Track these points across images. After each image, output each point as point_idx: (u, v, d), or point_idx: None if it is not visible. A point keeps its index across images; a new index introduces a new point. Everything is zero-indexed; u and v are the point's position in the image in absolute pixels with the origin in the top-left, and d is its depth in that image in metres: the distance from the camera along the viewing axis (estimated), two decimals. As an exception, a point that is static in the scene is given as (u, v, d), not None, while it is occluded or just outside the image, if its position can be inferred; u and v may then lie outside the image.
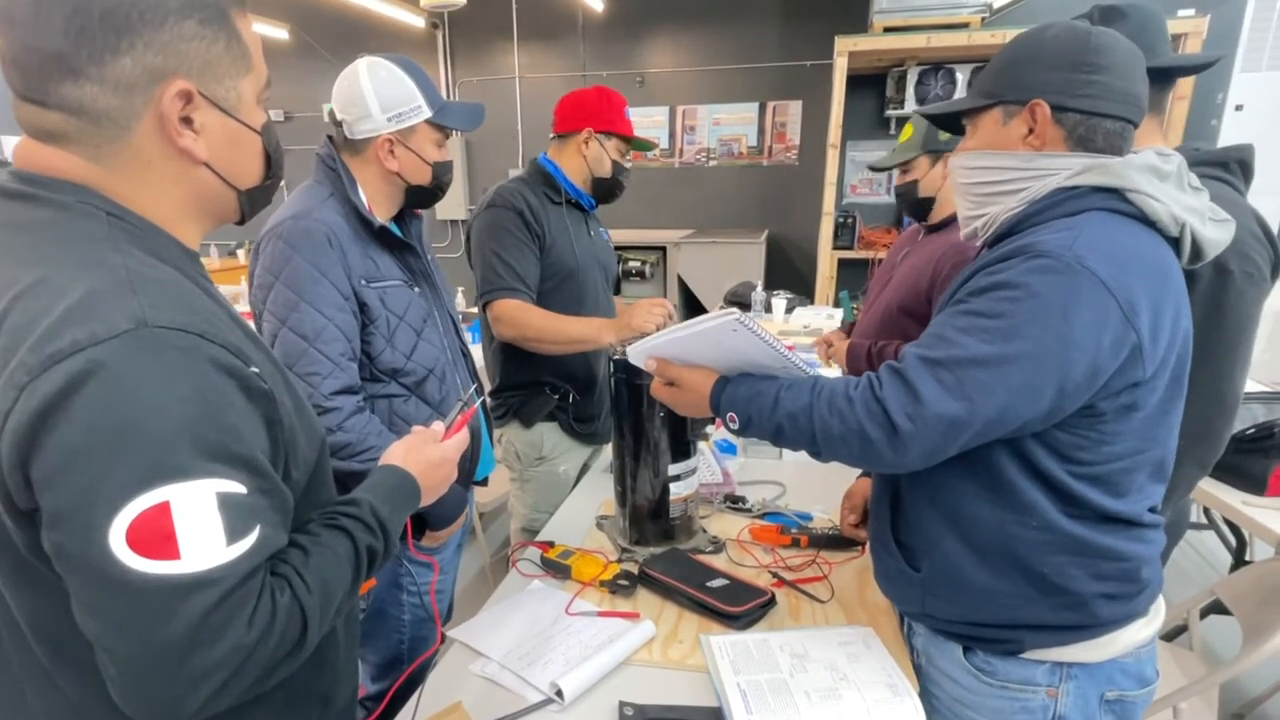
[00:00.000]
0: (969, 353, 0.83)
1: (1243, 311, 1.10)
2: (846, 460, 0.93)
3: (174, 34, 0.62)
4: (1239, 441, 1.78)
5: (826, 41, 4.08)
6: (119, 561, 0.55)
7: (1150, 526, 0.94)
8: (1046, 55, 0.89)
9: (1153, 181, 0.85)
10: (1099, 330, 0.79)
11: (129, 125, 0.62)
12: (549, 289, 1.82)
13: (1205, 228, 0.88)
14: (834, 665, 1.04)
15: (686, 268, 4.91)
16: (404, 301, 1.37)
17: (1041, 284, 0.80)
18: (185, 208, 0.69)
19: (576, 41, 5.43)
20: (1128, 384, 0.83)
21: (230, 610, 0.58)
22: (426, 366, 1.39)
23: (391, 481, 0.84)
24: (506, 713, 0.99)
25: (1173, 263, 0.87)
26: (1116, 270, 0.80)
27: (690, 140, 5.47)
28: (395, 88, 1.32)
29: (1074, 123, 0.88)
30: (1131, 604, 0.94)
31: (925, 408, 0.83)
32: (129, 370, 0.56)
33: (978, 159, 0.95)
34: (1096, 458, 0.87)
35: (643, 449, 1.38)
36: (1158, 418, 0.88)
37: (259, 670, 0.61)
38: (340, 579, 0.71)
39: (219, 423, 0.59)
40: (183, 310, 0.60)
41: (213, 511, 0.58)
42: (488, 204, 1.81)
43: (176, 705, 0.58)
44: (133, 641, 0.57)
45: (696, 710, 0.99)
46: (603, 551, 1.39)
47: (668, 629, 1.17)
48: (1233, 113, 3.95)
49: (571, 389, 1.90)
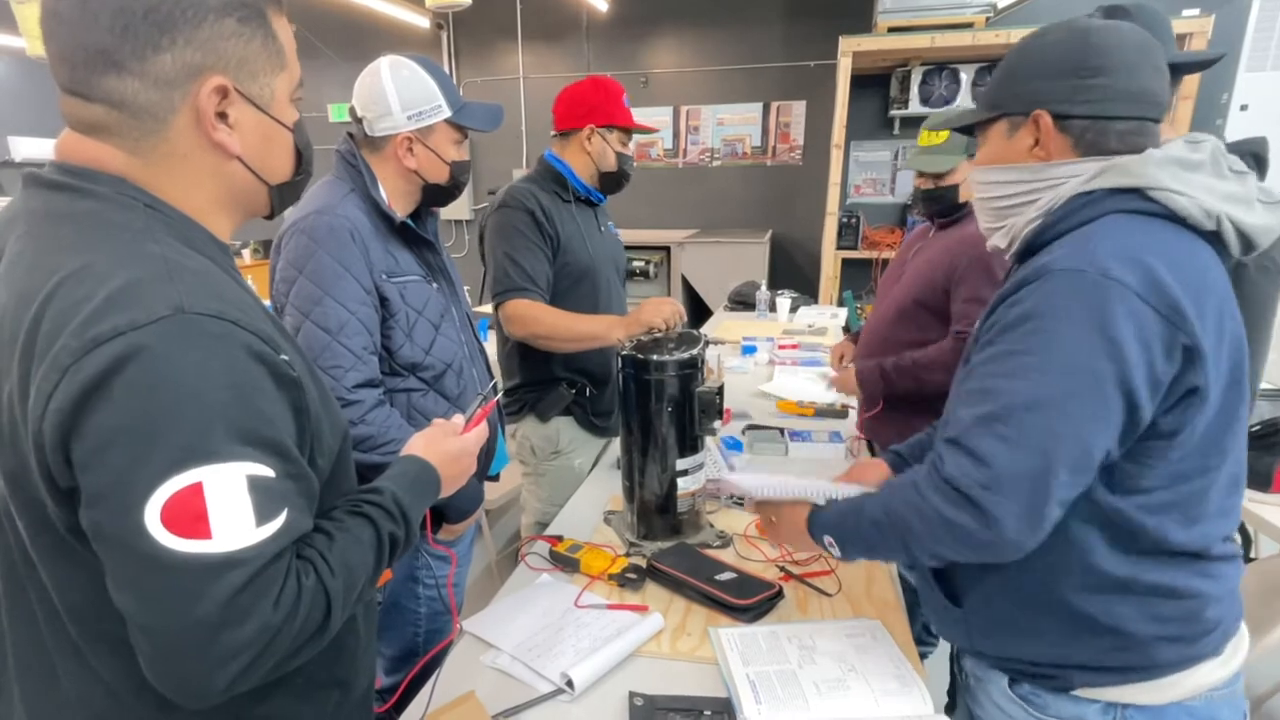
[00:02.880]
0: (1021, 398, 0.78)
1: (1258, 304, 1.10)
2: (953, 557, 0.85)
3: (213, 31, 0.64)
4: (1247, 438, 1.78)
5: (830, 41, 4.09)
6: (154, 539, 0.56)
7: (1220, 559, 0.86)
8: (1045, 63, 0.86)
9: (1178, 175, 0.80)
10: (1145, 339, 0.74)
11: (166, 119, 0.65)
12: (565, 288, 1.83)
13: (1252, 214, 0.81)
14: (842, 657, 1.05)
15: (690, 268, 4.92)
16: (423, 297, 1.38)
17: (1070, 306, 0.76)
18: (218, 200, 0.71)
19: (581, 41, 5.44)
20: (1186, 391, 0.77)
21: (259, 590, 0.60)
22: (445, 361, 1.41)
23: (413, 472, 0.86)
24: (517, 702, 1.00)
25: (1209, 260, 0.80)
26: (1147, 275, 0.75)
27: (694, 140, 5.48)
28: (416, 87, 1.34)
29: (1081, 129, 0.85)
30: (1196, 646, 0.86)
31: (996, 471, 0.78)
32: (167, 354, 0.57)
33: (989, 174, 0.93)
34: (1161, 481, 0.80)
35: (650, 444, 1.39)
36: (1224, 427, 0.81)
37: (284, 650, 0.63)
38: (363, 564, 0.72)
39: (251, 408, 0.61)
40: (217, 298, 0.62)
41: (243, 493, 0.59)
42: (499, 204, 1.82)
43: (206, 681, 0.59)
44: (165, 617, 0.58)
45: (706, 700, 1.00)
46: (611, 546, 1.40)
47: (676, 622, 1.18)
48: (1238, 112, 3.95)
49: (588, 383, 1.91)
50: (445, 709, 0.95)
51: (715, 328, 3.48)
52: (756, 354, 2.85)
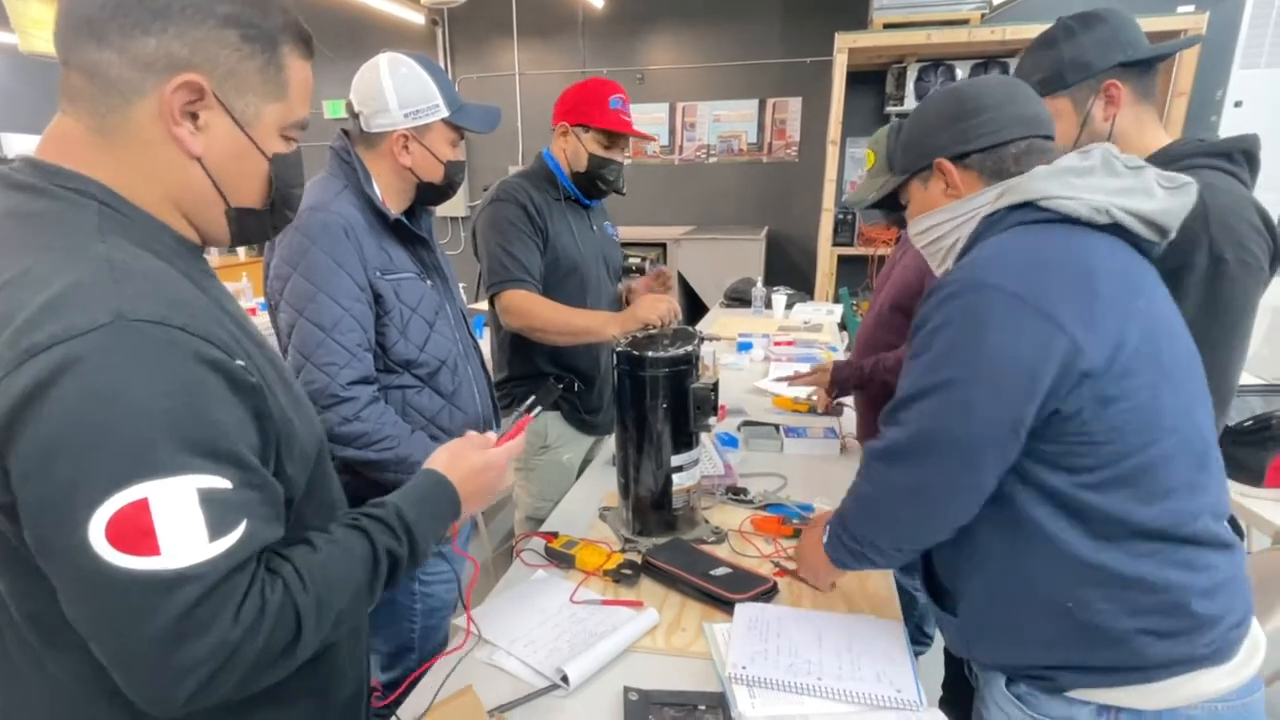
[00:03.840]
0: (909, 390, 0.90)
1: (1239, 300, 1.11)
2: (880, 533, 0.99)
3: (209, 35, 0.64)
4: (1237, 434, 1.79)
5: (826, 38, 4.08)
6: (99, 557, 0.55)
7: (1204, 545, 0.86)
8: (929, 121, 1.01)
9: (1066, 181, 0.88)
10: (1019, 336, 0.81)
11: (132, 99, 0.63)
12: (551, 283, 1.85)
13: (1150, 202, 0.88)
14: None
15: (687, 264, 4.92)
16: (417, 294, 1.38)
17: (953, 311, 0.86)
18: (175, 201, 0.69)
19: (576, 38, 5.43)
20: (1079, 377, 0.81)
21: (215, 605, 0.58)
22: (439, 358, 1.41)
23: (424, 486, 0.84)
24: (512, 698, 1.00)
25: (1101, 250, 0.86)
26: (1022, 276, 0.83)
27: (690, 137, 5.47)
28: (415, 85, 1.34)
29: (979, 161, 0.97)
30: (1188, 644, 0.85)
31: (886, 447, 0.93)
32: (106, 364, 0.55)
33: (921, 223, 1.06)
34: (1101, 459, 0.83)
35: (645, 440, 1.39)
36: (1155, 404, 0.84)
37: (247, 666, 0.61)
38: (349, 580, 0.70)
39: (201, 417, 0.59)
40: (164, 303, 0.59)
41: (193, 508, 0.57)
42: (492, 198, 1.83)
43: (166, 695, 0.59)
44: (117, 635, 0.58)
45: (700, 695, 1.00)
46: (606, 542, 1.40)
47: (671, 617, 1.19)
48: (1232, 109, 3.96)
49: (575, 379, 1.92)
50: (443, 704, 0.95)
51: (711, 324, 3.48)
52: (752, 350, 2.85)
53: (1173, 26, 3.51)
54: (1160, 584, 0.84)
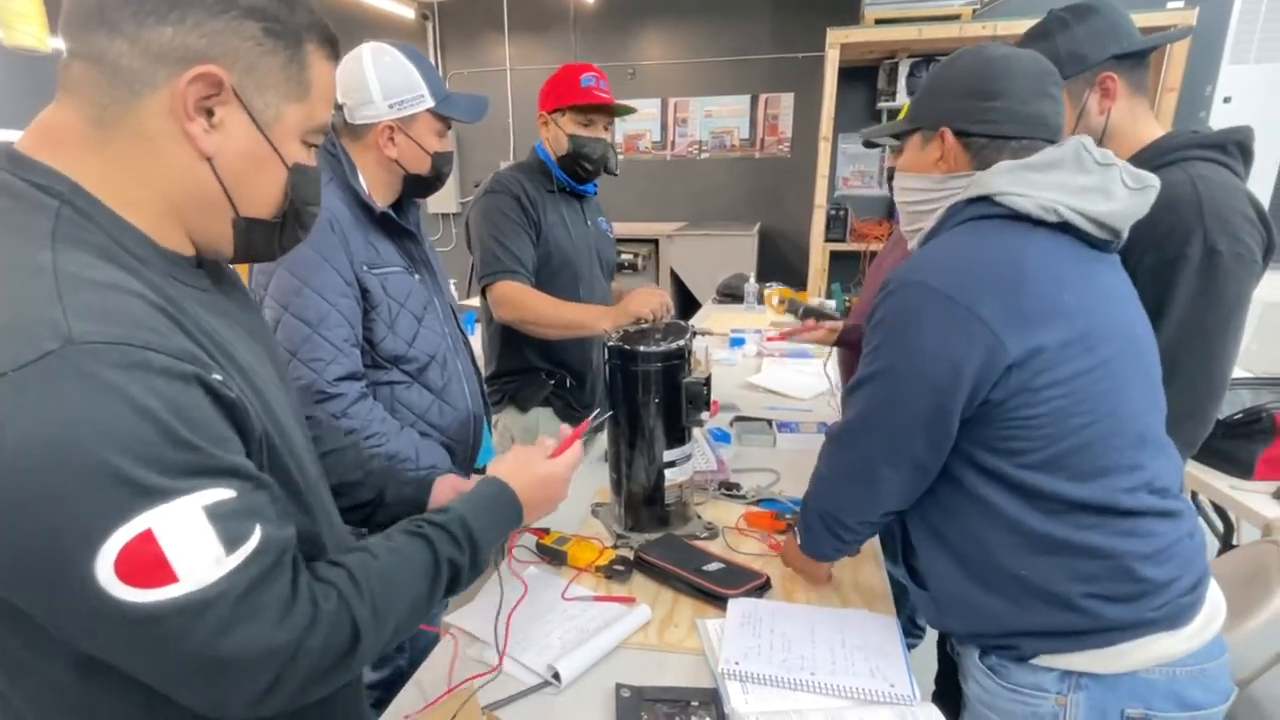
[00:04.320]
0: (857, 377, 0.98)
1: (1233, 292, 1.11)
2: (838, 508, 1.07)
3: (229, 27, 0.59)
4: (1227, 427, 1.80)
5: (818, 33, 4.08)
6: (115, 598, 0.51)
7: (1140, 515, 0.90)
8: (952, 83, 0.98)
9: (1023, 178, 0.91)
10: (946, 331, 0.87)
11: (141, 92, 0.58)
12: (545, 277, 1.84)
13: (1107, 202, 0.91)
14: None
15: (679, 260, 4.91)
16: (405, 288, 1.37)
17: (891, 308, 0.92)
18: (172, 204, 0.62)
19: (568, 33, 5.40)
20: (1004, 370, 0.86)
21: (251, 614, 0.56)
22: (428, 353, 1.40)
23: (489, 494, 0.84)
24: (504, 696, 0.99)
25: (1039, 249, 0.90)
26: (952, 275, 0.88)
27: (682, 133, 5.46)
28: (399, 75, 1.32)
29: (979, 146, 0.96)
30: (1139, 607, 0.89)
31: (837, 428, 1.03)
32: (56, 397, 0.49)
33: (905, 180, 1.06)
34: (1035, 443, 0.89)
35: (638, 436, 1.38)
36: (1086, 391, 0.87)
37: (305, 672, 0.60)
38: (409, 590, 0.69)
39: (189, 433, 0.54)
40: (120, 321, 0.53)
41: (203, 526, 0.54)
42: (485, 190, 1.82)
43: (226, 709, 0.58)
44: (158, 668, 0.56)
45: (693, 691, 1.00)
46: (598, 538, 1.39)
47: (663, 613, 1.18)
48: (1221, 105, 3.97)
49: (566, 374, 1.91)
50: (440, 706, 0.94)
51: (704, 320, 3.48)
52: (745, 346, 2.85)
53: (1162, 21, 3.51)
54: (1104, 550, 0.89)
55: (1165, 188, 1.15)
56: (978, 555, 0.95)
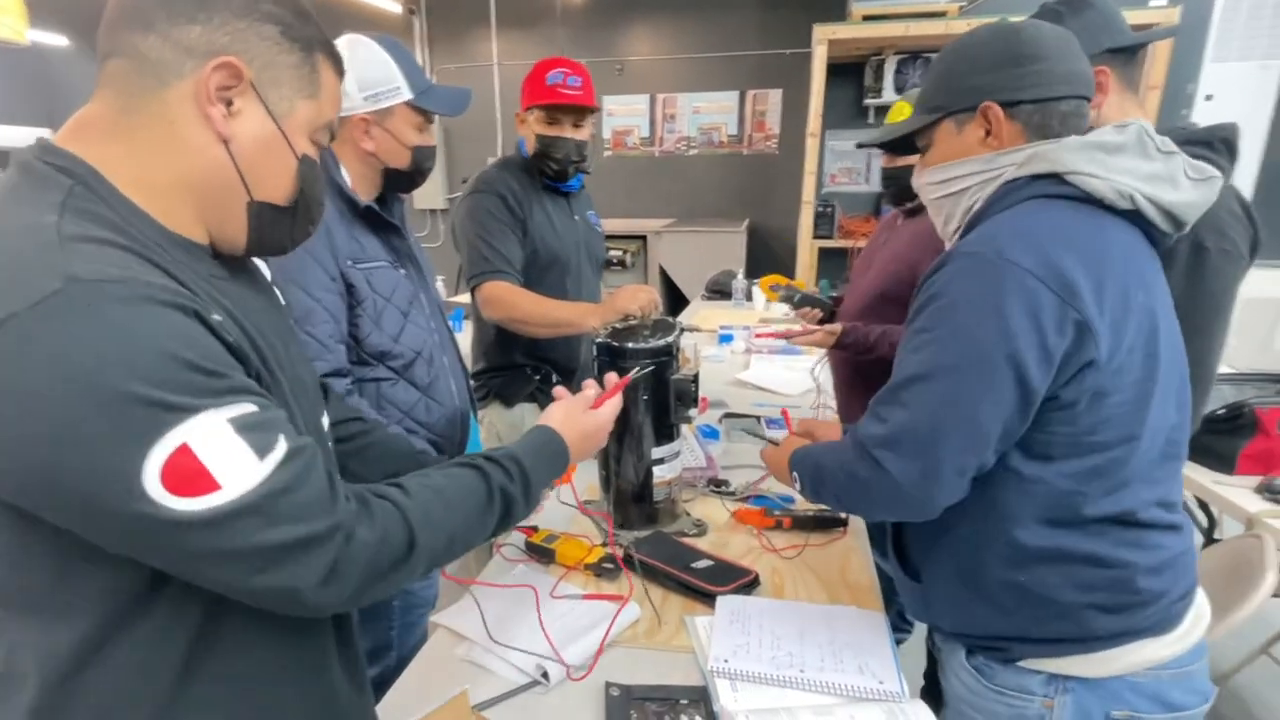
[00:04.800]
0: (916, 370, 0.85)
1: (1219, 288, 1.12)
2: (864, 512, 1.00)
3: (251, 27, 0.66)
4: (1210, 422, 1.82)
5: (805, 30, 4.08)
6: (168, 508, 0.55)
7: (1150, 528, 0.88)
8: (982, 58, 0.91)
9: (1095, 157, 0.84)
10: (1035, 316, 0.79)
11: (168, 80, 0.63)
12: (534, 275, 1.83)
13: (1176, 192, 0.85)
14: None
15: (667, 257, 4.91)
16: (390, 283, 1.35)
17: (968, 286, 0.82)
18: (189, 185, 0.66)
19: (555, 28, 5.38)
20: (1084, 364, 0.81)
21: (291, 509, 0.60)
22: (414, 349, 1.38)
23: (541, 439, 0.89)
24: (493, 695, 0.98)
25: (1118, 238, 0.84)
26: (1042, 255, 0.80)
27: (670, 129, 5.45)
28: (375, 67, 1.30)
29: (1028, 114, 0.89)
30: (1132, 617, 0.88)
31: (891, 431, 0.87)
32: (75, 328, 0.52)
33: (942, 172, 0.96)
34: (1081, 450, 0.84)
35: (626, 433, 1.38)
36: (1143, 398, 0.84)
37: (364, 563, 0.64)
38: (462, 504, 0.74)
39: (203, 355, 0.57)
40: (119, 266, 0.57)
41: (232, 437, 0.58)
42: (471, 189, 1.81)
43: (299, 600, 0.62)
44: (223, 575, 0.60)
45: (682, 689, 0.99)
46: (587, 536, 1.39)
47: (652, 611, 1.18)
48: (1203, 103, 4.02)
49: (552, 370, 1.91)
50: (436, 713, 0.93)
51: (692, 316, 3.48)
52: (733, 343, 2.85)
53: (1145, 19, 3.55)
54: (1109, 560, 0.87)
55: None
56: (979, 557, 0.92)
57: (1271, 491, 1.70)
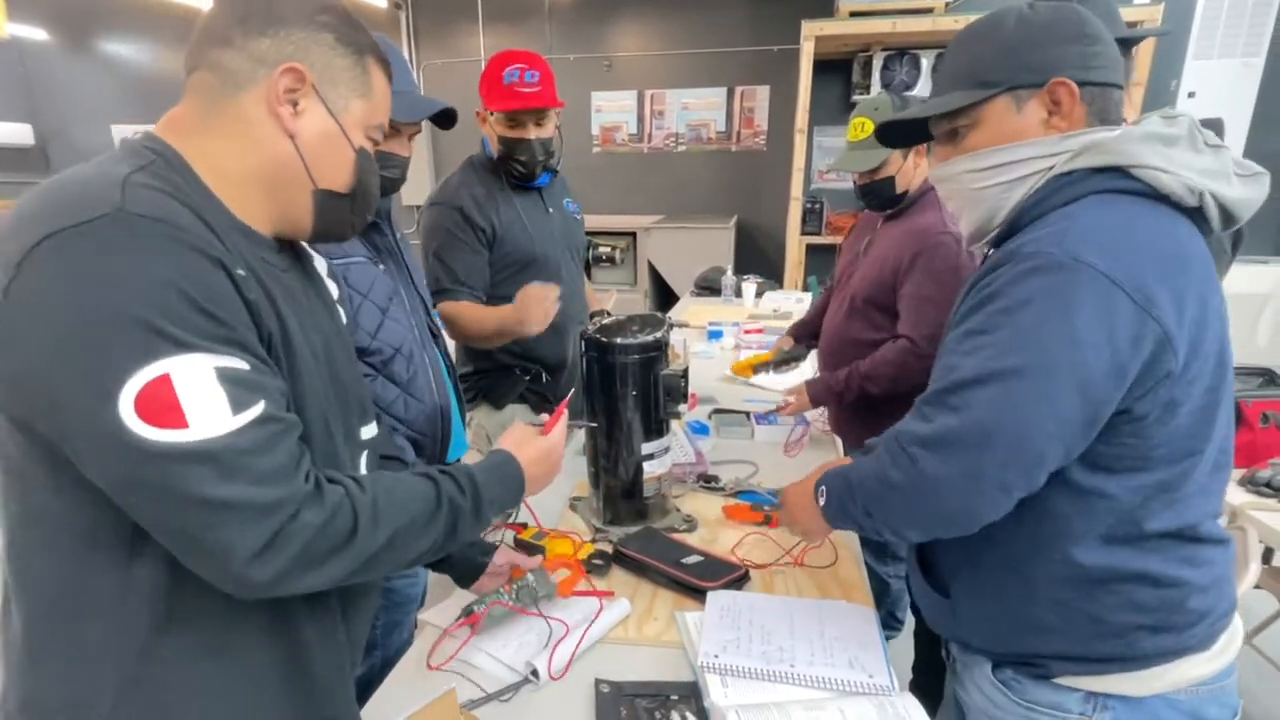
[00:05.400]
0: (971, 373, 0.78)
1: None
2: (897, 525, 0.87)
3: (311, 36, 0.75)
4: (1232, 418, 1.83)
5: (793, 26, 4.08)
6: (132, 431, 0.58)
7: (1205, 543, 0.84)
8: (1054, 31, 0.82)
9: (1159, 150, 0.78)
10: (1110, 326, 0.72)
11: (244, 85, 0.72)
12: (508, 277, 1.79)
13: (1231, 188, 0.80)
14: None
15: (656, 253, 4.91)
16: (368, 279, 1.33)
17: (1035, 288, 0.75)
18: (261, 176, 0.74)
19: (543, 24, 5.35)
20: (1161, 377, 0.74)
21: (252, 471, 0.62)
22: (393, 345, 1.36)
23: (496, 460, 0.91)
24: (481, 695, 0.98)
25: (1190, 238, 0.78)
26: (1119, 258, 0.73)
27: (659, 125, 5.44)
28: None
29: (1093, 97, 0.82)
30: (1181, 637, 0.84)
31: (935, 431, 0.79)
32: (109, 248, 0.58)
33: (993, 156, 0.85)
34: (1147, 464, 0.79)
35: (616, 429, 1.37)
36: (1209, 410, 0.79)
37: (301, 545, 0.65)
38: (408, 506, 0.75)
39: (211, 302, 0.62)
40: (167, 211, 0.62)
41: (213, 383, 0.61)
42: (430, 202, 1.76)
43: (229, 563, 0.62)
44: (165, 514, 0.61)
45: (673, 685, 0.99)
46: (576, 532, 1.38)
47: (643, 606, 1.18)
48: (1185, 99, 4.06)
49: (541, 369, 1.88)
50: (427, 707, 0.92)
51: (681, 313, 3.47)
52: (722, 339, 2.85)
53: (1130, 17, 3.57)
54: (1165, 579, 0.82)
55: None
56: (1026, 575, 0.86)
57: (1254, 484, 1.72)
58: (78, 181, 0.63)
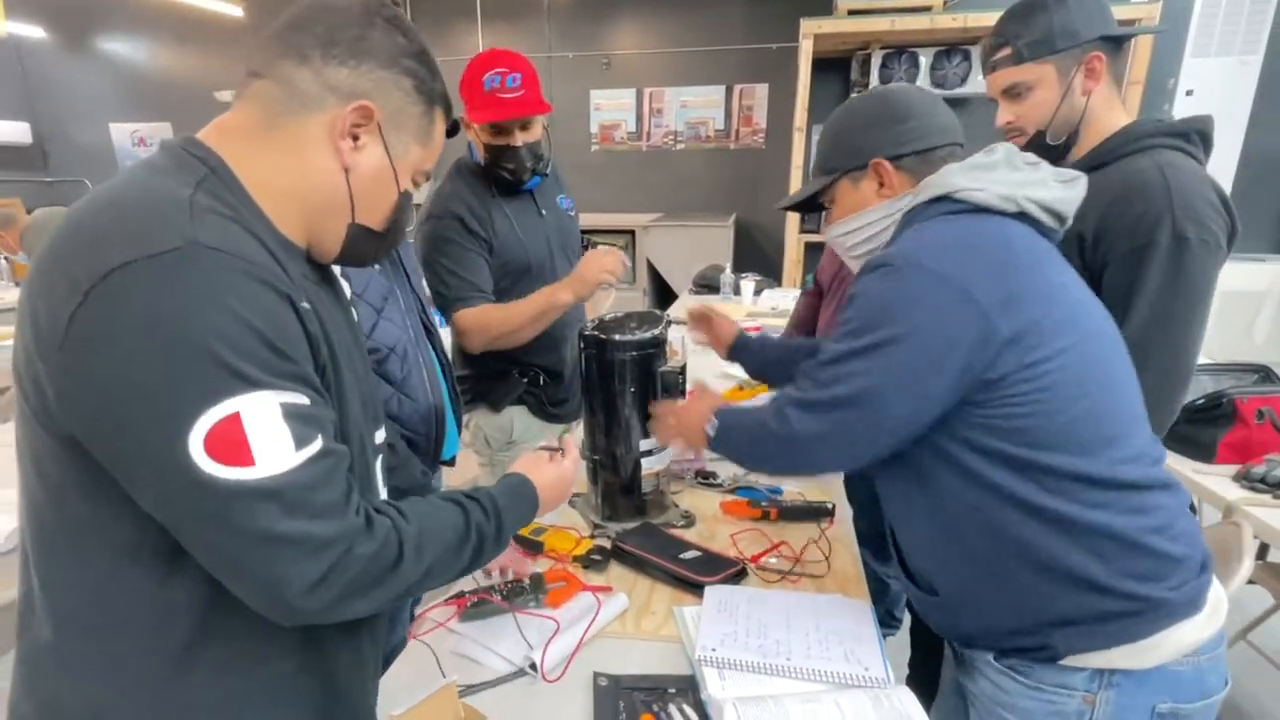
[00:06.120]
0: (835, 353, 0.95)
1: (1200, 279, 1.13)
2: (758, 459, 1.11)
3: (391, 78, 0.74)
4: (1190, 412, 1.84)
5: (792, 24, 4.09)
6: (201, 470, 0.58)
7: (1139, 488, 0.90)
8: (860, 124, 1.05)
9: (974, 175, 0.95)
10: (941, 312, 0.87)
11: (312, 110, 0.72)
12: (505, 286, 1.75)
13: (1048, 192, 0.96)
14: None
15: (655, 251, 4.91)
16: (363, 280, 1.34)
17: (884, 285, 0.92)
18: (304, 199, 0.74)
19: (542, 22, 5.35)
20: (999, 346, 0.86)
21: (309, 506, 0.63)
22: (388, 345, 1.37)
23: (514, 483, 0.92)
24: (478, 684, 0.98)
25: (1021, 237, 0.93)
26: (946, 257, 0.90)
27: (658, 123, 5.45)
28: None
29: (911, 164, 1.02)
30: (1161, 584, 0.89)
31: (803, 398, 0.98)
32: (182, 285, 0.58)
33: (849, 224, 1.08)
34: (1038, 419, 0.88)
35: (614, 425, 1.38)
36: (1080, 363, 0.89)
37: (351, 576, 0.66)
38: (443, 535, 0.76)
39: (279, 338, 0.63)
40: (237, 243, 0.63)
41: (279, 420, 0.61)
42: (426, 215, 1.72)
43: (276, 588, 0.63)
44: (223, 546, 0.62)
45: (670, 679, 1.00)
46: (575, 528, 1.39)
47: (641, 601, 1.18)
48: (1183, 98, 4.06)
49: (540, 372, 1.86)
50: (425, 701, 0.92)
51: (680, 310, 3.48)
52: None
53: (1126, 15, 3.58)
54: (1116, 529, 0.89)
55: (1134, 175, 1.17)
56: (993, 548, 0.92)
57: (1249, 479, 1.72)
58: (143, 202, 0.63)
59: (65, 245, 0.61)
